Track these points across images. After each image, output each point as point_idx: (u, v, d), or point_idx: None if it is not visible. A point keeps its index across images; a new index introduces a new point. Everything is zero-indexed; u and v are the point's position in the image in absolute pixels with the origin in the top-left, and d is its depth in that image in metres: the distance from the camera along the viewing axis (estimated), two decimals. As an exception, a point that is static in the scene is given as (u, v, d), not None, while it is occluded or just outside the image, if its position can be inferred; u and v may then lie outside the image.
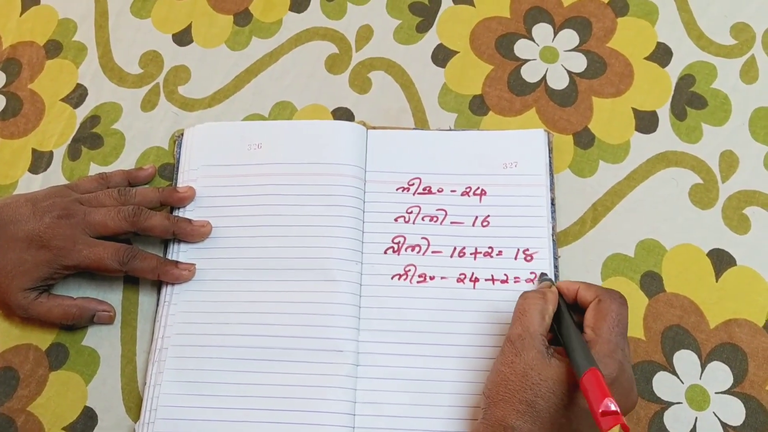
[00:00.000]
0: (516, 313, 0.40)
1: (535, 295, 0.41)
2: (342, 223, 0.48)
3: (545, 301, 0.40)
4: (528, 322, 0.39)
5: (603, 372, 0.36)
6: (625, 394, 0.38)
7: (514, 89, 0.54)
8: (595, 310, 0.40)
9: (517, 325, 0.40)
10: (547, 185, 0.49)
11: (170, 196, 0.49)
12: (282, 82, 0.55)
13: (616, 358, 0.37)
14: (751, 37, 0.54)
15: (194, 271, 0.47)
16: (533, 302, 0.40)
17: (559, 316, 0.41)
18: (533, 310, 0.40)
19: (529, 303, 0.40)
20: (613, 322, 0.39)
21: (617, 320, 0.39)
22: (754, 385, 0.45)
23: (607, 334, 0.38)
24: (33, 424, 0.45)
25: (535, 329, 0.39)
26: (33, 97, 0.55)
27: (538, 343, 0.38)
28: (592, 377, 0.35)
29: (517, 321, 0.40)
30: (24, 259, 0.45)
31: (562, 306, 0.41)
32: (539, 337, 0.39)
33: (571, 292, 0.42)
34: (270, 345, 0.45)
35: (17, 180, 0.53)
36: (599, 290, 0.41)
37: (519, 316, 0.40)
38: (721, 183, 0.50)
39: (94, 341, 0.48)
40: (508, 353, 0.39)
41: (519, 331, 0.39)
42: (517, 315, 0.40)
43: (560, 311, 0.41)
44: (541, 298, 0.41)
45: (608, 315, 0.39)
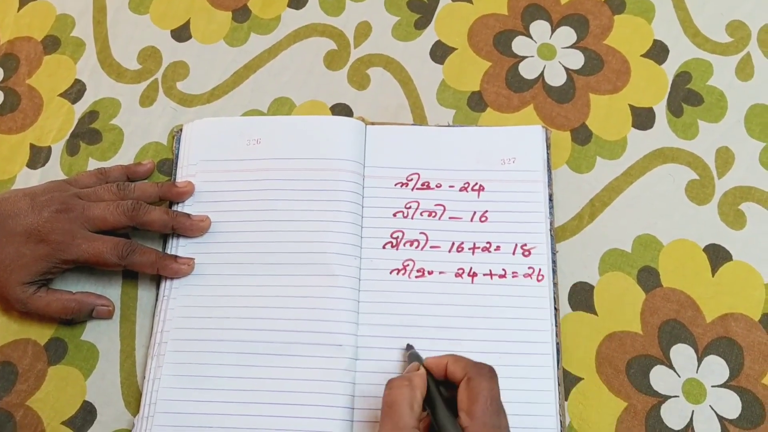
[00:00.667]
0: (383, 407, 0.38)
1: (401, 383, 0.38)
2: (341, 218, 0.48)
3: (412, 388, 0.38)
4: (397, 417, 0.37)
5: None
6: None
7: (512, 86, 0.54)
8: (467, 390, 0.38)
9: (387, 422, 0.37)
10: (545, 181, 0.50)
11: (169, 191, 0.49)
12: (281, 78, 0.55)
13: None
14: (746, 35, 0.55)
15: (193, 265, 0.47)
16: (399, 393, 0.38)
17: (431, 400, 0.39)
18: (401, 401, 0.38)
19: (396, 394, 0.38)
20: (486, 402, 0.37)
21: (489, 398, 0.37)
22: (749, 378, 0.45)
23: (482, 416, 0.37)
24: (32, 418, 0.45)
25: (405, 423, 0.37)
26: (31, 93, 0.55)
27: None
28: None
29: (386, 417, 0.37)
30: (23, 253, 0.45)
31: (432, 389, 0.39)
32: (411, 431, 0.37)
33: (440, 369, 0.40)
34: (269, 339, 0.45)
35: (15, 175, 0.53)
36: (467, 366, 0.39)
37: (387, 410, 0.38)
38: (717, 179, 0.51)
39: (93, 336, 0.48)
40: None
41: (388, 428, 0.37)
42: (384, 409, 0.38)
43: (431, 395, 0.39)
44: (408, 385, 0.38)
45: (480, 395, 0.37)
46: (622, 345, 0.46)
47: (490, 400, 0.37)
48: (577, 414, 0.45)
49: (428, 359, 0.41)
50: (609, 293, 0.48)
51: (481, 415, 0.37)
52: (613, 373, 0.46)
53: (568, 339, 0.46)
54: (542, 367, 0.45)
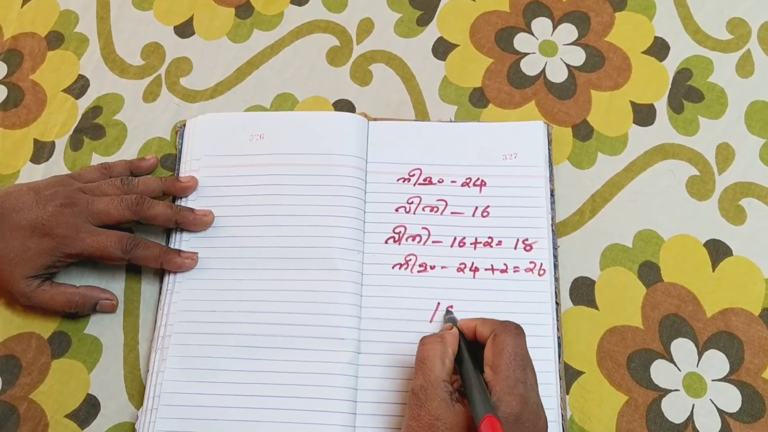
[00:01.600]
0: (417, 362, 0.39)
1: (434, 339, 0.40)
2: (343, 213, 0.48)
3: (444, 345, 0.40)
4: (428, 370, 0.38)
5: (504, 411, 0.36)
6: (532, 425, 0.37)
7: (514, 82, 0.54)
8: (492, 346, 0.39)
9: (419, 375, 0.39)
10: (547, 176, 0.50)
11: (172, 185, 0.49)
12: (283, 74, 0.55)
13: (516, 393, 0.37)
14: (746, 32, 0.55)
15: (197, 259, 0.47)
16: (432, 348, 0.39)
17: (460, 357, 0.40)
18: (433, 356, 0.39)
19: (428, 350, 0.39)
20: (510, 357, 0.38)
21: (514, 353, 0.38)
22: (750, 372, 0.45)
23: (505, 370, 0.38)
24: (35, 411, 0.46)
25: (437, 377, 0.38)
26: (35, 88, 0.56)
27: (441, 390, 0.38)
28: (488, 426, 0.35)
29: (418, 370, 0.39)
30: (27, 247, 0.45)
31: (462, 347, 0.40)
32: (441, 384, 0.38)
33: (470, 330, 0.41)
34: (272, 333, 0.45)
35: (19, 170, 0.53)
36: (494, 325, 0.40)
37: (419, 365, 0.39)
38: (718, 175, 0.51)
39: (97, 329, 0.48)
40: (413, 406, 0.38)
41: (421, 381, 0.38)
42: (417, 364, 0.39)
43: (461, 352, 0.40)
44: (440, 342, 0.40)
45: (504, 350, 0.38)
46: (623, 339, 0.46)
47: (514, 354, 0.38)
48: (578, 407, 0.45)
49: (460, 321, 0.42)
50: (610, 288, 0.48)
51: (505, 369, 0.38)
52: (614, 367, 0.46)
53: (569, 333, 0.47)
54: (544, 361, 0.45)
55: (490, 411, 0.35)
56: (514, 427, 0.36)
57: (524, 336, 0.40)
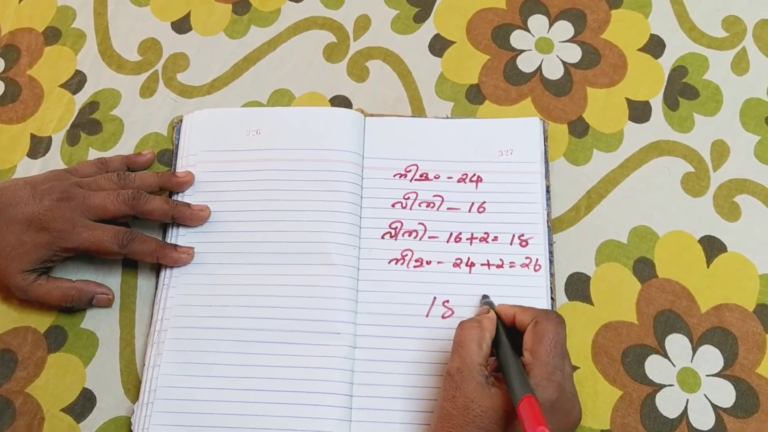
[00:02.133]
0: (454, 345, 0.40)
1: (472, 324, 0.40)
2: (340, 208, 0.48)
3: (482, 329, 0.40)
4: (465, 353, 0.39)
5: (541, 396, 0.36)
6: (566, 413, 0.38)
7: (510, 79, 0.55)
8: (533, 332, 0.39)
9: (456, 358, 0.39)
10: (542, 173, 0.50)
11: (169, 180, 0.49)
12: (280, 70, 0.56)
13: (554, 380, 0.37)
14: (742, 30, 0.55)
15: (193, 254, 0.47)
16: (470, 332, 0.40)
17: (498, 341, 0.40)
18: (470, 340, 0.39)
19: (466, 334, 0.40)
20: (550, 344, 0.38)
21: (554, 341, 0.39)
22: (744, 368, 0.45)
23: (545, 357, 0.38)
24: (31, 405, 0.46)
25: (473, 360, 0.38)
26: (32, 83, 0.56)
27: (477, 374, 0.38)
28: (527, 405, 0.35)
29: (455, 353, 0.39)
30: (23, 241, 0.45)
31: (500, 331, 0.41)
32: (477, 368, 0.38)
33: (509, 317, 0.41)
34: (268, 327, 0.45)
35: (16, 165, 0.53)
36: (536, 312, 0.40)
37: (457, 348, 0.39)
38: (713, 171, 0.51)
39: (93, 324, 0.48)
40: (448, 388, 0.38)
41: (457, 364, 0.39)
42: (454, 347, 0.40)
43: (498, 336, 0.40)
44: (478, 326, 0.40)
45: (545, 337, 0.39)
46: (617, 335, 0.47)
47: (554, 342, 0.38)
48: (573, 402, 0.45)
49: (499, 306, 0.42)
50: (605, 284, 0.48)
51: (544, 355, 0.38)
52: (609, 362, 0.46)
53: (564, 328, 0.47)
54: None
55: (529, 392, 0.36)
56: (549, 413, 0.36)
57: (565, 326, 0.40)
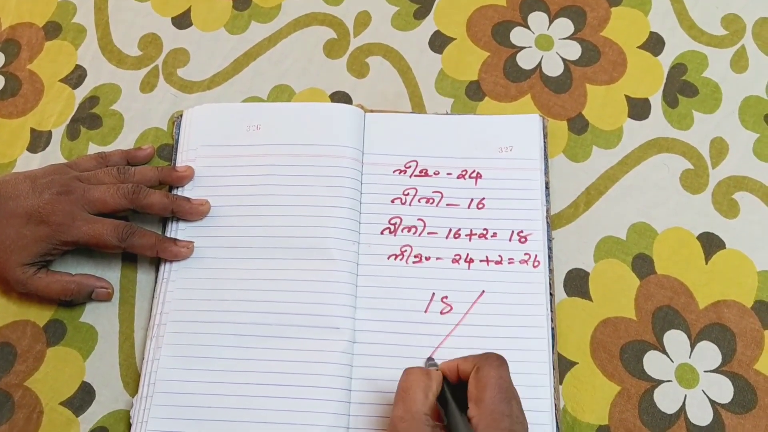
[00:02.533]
0: (398, 391, 0.38)
1: (419, 371, 0.39)
2: (339, 203, 0.49)
3: (429, 378, 0.38)
4: (410, 401, 0.37)
5: None
6: None
7: (510, 76, 0.55)
8: (475, 380, 0.38)
9: (399, 406, 0.37)
10: (542, 169, 0.50)
11: (169, 175, 0.49)
12: (281, 65, 0.56)
13: (503, 427, 0.36)
14: (741, 28, 0.56)
15: (193, 248, 0.47)
16: (416, 379, 0.38)
17: (443, 398, 0.39)
18: (416, 387, 0.38)
19: (412, 380, 0.38)
20: (494, 390, 0.37)
21: (498, 386, 0.37)
22: (742, 364, 0.46)
23: (490, 405, 0.36)
24: (30, 399, 0.46)
25: (418, 409, 0.37)
26: (32, 78, 0.56)
27: (421, 423, 0.36)
28: None
29: (399, 400, 0.38)
30: (23, 235, 0.45)
31: (445, 388, 0.39)
32: (422, 418, 0.37)
33: (453, 371, 0.39)
34: (267, 321, 0.46)
35: (16, 159, 0.53)
36: (476, 359, 0.39)
37: (402, 394, 0.38)
38: (711, 169, 0.51)
39: (92, 318, 0.48)
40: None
41: (400, 412, 0.37)
42: (399, 394, 0.38)
43: (444, 393, 0.39)
44: (425, 374, 0.39)
45: (488, 383, 0.37)
46: (616, 330, 0.47)
47: (498, 388, 0.37)
48: (571, 397, 0.45)
49: (441, 364, 0.40)
50: (604, 280, 0.48)
51: (489, 403, 0.36)
52: (607, 358, 0.46)
53: (563, 324, 0.47)
54: (538, 352, 0.45)
55: None
56: None
57: (507, 367, 0.38)
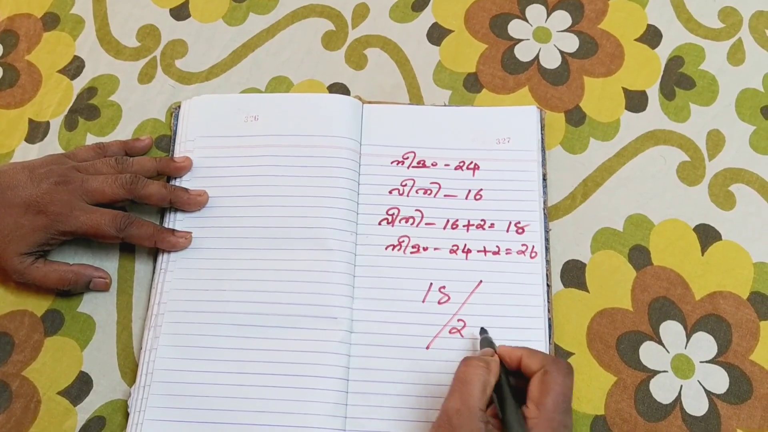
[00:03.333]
0: (456, 382, 0.37)
1: (479, 363, 0.37)
2: (337, 194, 0.49)
3: (488, 372, 0.37)
4: (467, 395, 0.36)
5: None
6: None
7: (508, 68, 0.55)
8: (540, 382, 0.36)
9: (456, 397, 0.36)
10: (539, 161, 0.50)
11: (167, 165, 0.49)
12: (279, 57, 0.56)
13: None
14: (738, 21, 0.56)
15: (191, 239, 0.48)
16: (476, 372, 0.37)
17: (499, 388, 0.38)
18: (475, 381, 0.36)
19: (472, 373, 0.37)
20: (558, 398, 0.36)
21: (563, 395, 0.36)
22: (737, 354, 0.46)
23: (551, 412, 0.35)
24: (28, 388, 0.46)
25: (474, 404, 0.36)
26: (30, 68, 0.56)
27: (477, 419, 0.35)
28: None
29: (455, 392, 0.36)
30: (21, 224, 0.45)
31: (502, 378, 0.38)
32: (478, 413, 0.36)
33: (513, 360, 0.38)
34: (265, 311, 0.46)
35: (14, 149, 0.53)
36: (545, 359, 0.38)
37: (459, 386, 0.37)
38: (708, 161, 0.51)
39: (90, 308, 0.48)
40: (443, 427, 0.36)
41: (457, 405, 0.36)
42: (456, 385, 0.37)
43: (500, 383, 0.38)
44: (485, 367, 0.37)
45: (553, 390, 0.36)
46: (612, 321, 0.47)
47: (562, 396, 0.36)
48: (568, 388, 0.45)
49: (501, 347, 0.40)
50: (601, 271, 0.48)
51: (551, 409, 0.35)
52: (604, 349, 0.46)
53: (560, 315, 0.47)
54: (534, 342, 0.45)
55: None
56: None
57: (573, 376, 0.37)
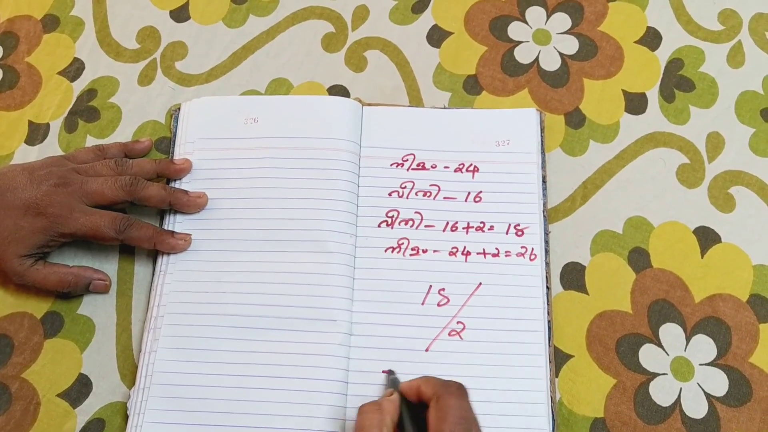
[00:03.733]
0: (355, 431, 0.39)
1: (371, 408, 0.39)
2: (337, 196, 0.49)
3: (382, 413, 0.38)
4: None
5: None
6: None
7: (508, 70, 0.55)
8: (435, 409, 0.38)
9: None
10: (539, 163, 0.50)
11: (167, 167, 0.49)
12: (279, 59, 0.56)
13: None
14: (738, 23, 0.56)
15: (190, 241, 0.48)
16: (369, 417, 0.38)
17: (402, 424, 0.39)
18: (369, 426, 0.38)
19: (365, 419, 0.38)
20: (454, 421, 0.37)
21: (458, 416, 0.37)
22: (737, 357, 0.46)
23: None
24: (27, 390, 0.46)
25: None
26: (30, 70, 0.56)
27: None
28: None
29: None
30: (20, 226, 0.45)
31: (404, 413, 0.39)
32: None
33: (413, 391, 0.40)
34: (265, 314, 0.46)
35: (14, 151, 0.53)
36: (436, 385, 0.39)
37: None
38: (708, 163, 0.51)
39: (90, 310, 0.48)
40: None
41: None
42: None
43: (402, 420, 0.39)
44: (378, 410, 0.39)
45: (448, 414, 0.37)
46: (612, 324, 0.47)
47: (458, 418, 0.37)
48: (567, 390, 0.45)
49: (402, 384, 0.41)
50: (600, 273, 0.48)
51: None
52: (603, 351, 0.46)
53: (559, 317, 0.47)
54: (534, 344, 0.45)
55: None
56: None
57: (467, 396, 0.38)
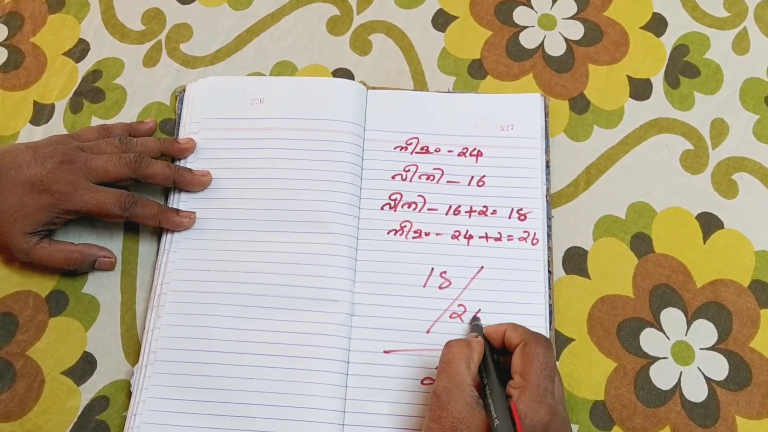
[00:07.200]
0: (441, 363, 0.39)
1: (460, 343, 0.40)
2: (340, 178, 0.49)
3: (470, 350, 0.39)
4: (453, 372, 0.38)
5: (533, 418, 0.36)
6: None
7: (512, 55, 0.55)
8: (522, 354, 0.39)
9: (443, 377, 0.38)
10: (542, 148, 0.50)
11: (171, 146, 0.50)
12: (283, 42, 0.56)
13: (546, 402, 0.36)
14: (743, 10, 0.56)
15: (195, 219, 0.48)
16: (458, 351, 0.39)
17: (485, 366, 0.40)
18: (459, 359, 0.39)
19: (454, 352, 0.39)
20: (540, 366, 0.38)
21: (544, 364, 0.38)
22: (737, 342, 0.46)
23: (535, 380, 0.37)
24: (32, 368, 0.46)
25: (461, 380, 0.38)
26: (35, 51, 0.56)
27: (466, 393, 0.37)
28: None
29: (442, 372, 0.39)
30: (25, 203, 0.45)
31: (487, 356, 0.40)
32: (467, 387, 0.38)
33: (498, 336, 0.41)
34: (267, 293, 0.46)
35: (18, 131, 0.53)
36: (525, 333, 0.40)
37: (444, 367, 0.39)
38: (711, 149, 0.51)
39: (94, 289, 0.48)
40: (434, 408, 0.37)
41: (445, 383, 0.38)
42: (442, 366, 0.39)
43: (486, 361, 0.40)
44: (466, 346, 0.40)
45: (535, 360, 0.38)
46: (613, 308, 0.47)
47: (544, 365, 0.38)
48: (568, 373, 0.46)
49: (487, 327, 0.42)
50: (602, 258, 0.48)
51: (535, 378, 0.37)
52: (604, 335, 0.46)
53: (561, 301, 0.47)
54: (535, 328, 0.44)
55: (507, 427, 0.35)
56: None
57: (553, 350, 0.40)
